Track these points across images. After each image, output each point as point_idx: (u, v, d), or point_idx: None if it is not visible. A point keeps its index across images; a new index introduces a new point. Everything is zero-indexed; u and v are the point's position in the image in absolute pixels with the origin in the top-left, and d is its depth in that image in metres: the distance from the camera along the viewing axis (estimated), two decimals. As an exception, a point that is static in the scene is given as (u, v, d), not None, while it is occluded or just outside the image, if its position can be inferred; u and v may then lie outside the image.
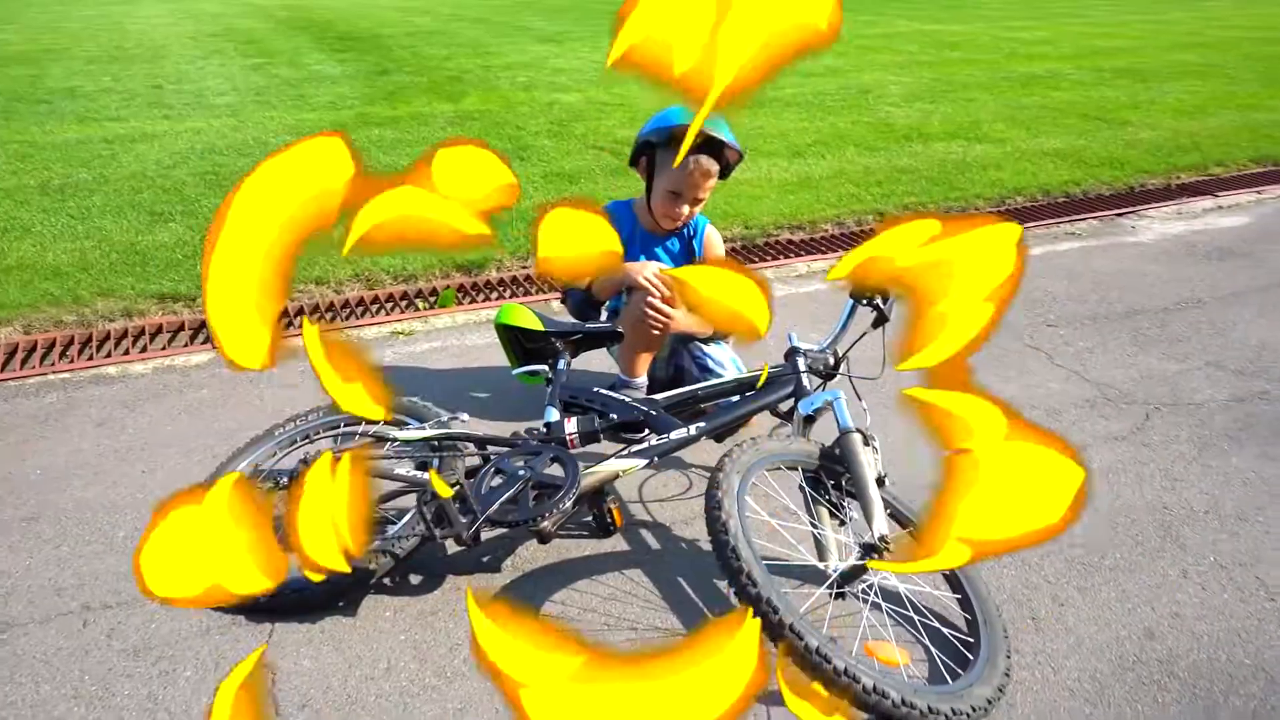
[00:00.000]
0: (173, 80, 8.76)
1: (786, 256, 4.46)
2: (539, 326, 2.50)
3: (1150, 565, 2.21)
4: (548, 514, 1.98)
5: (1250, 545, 2.28)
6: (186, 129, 6.66)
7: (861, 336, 2.40)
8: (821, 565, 1.94)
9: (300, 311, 3.77)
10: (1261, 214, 5.12)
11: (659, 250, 2.87)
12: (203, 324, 3.63)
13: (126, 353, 3.42)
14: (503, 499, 1.99)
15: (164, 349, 3.46)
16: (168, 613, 2.05)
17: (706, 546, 2.27)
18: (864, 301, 2.36)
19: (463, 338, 3.56)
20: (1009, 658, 1.85)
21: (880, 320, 2.34)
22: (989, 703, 1.73)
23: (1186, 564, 2.21)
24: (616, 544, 2.31)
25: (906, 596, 2.00)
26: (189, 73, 9.24)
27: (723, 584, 2.14)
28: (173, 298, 3.79)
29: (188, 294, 3.82)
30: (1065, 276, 4.17)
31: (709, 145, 2.64)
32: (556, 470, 2.11)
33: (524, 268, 4.25)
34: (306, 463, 2.14)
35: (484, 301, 3.93)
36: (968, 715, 1.67)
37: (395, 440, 2.27)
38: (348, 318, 3.76)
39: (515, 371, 2.56)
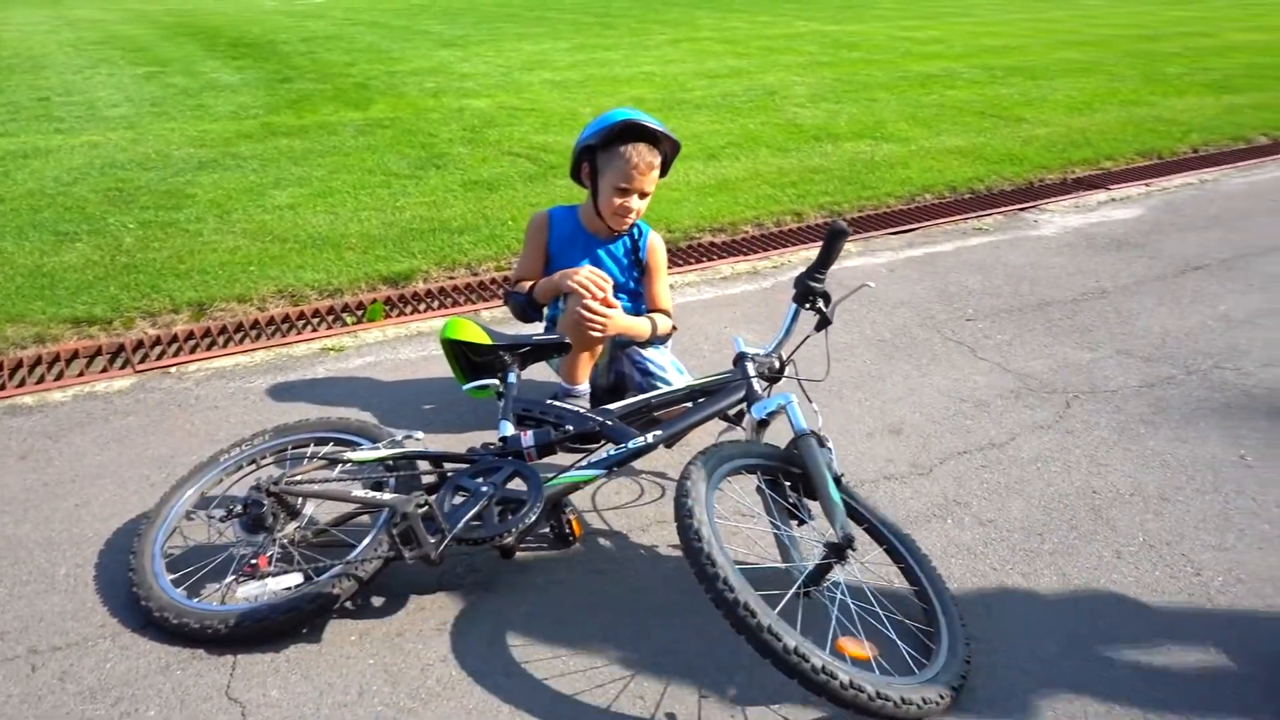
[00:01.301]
0: (60, 92, 8.40)
1: (710, 259, 4.53)
2: (486, 340, 2.50)
3: (1086, 548, 2.33)
4: (514, 530, 1.99)
5: (1174, 524, 2.42)
6: (82, 143, 6.41)
7: (805, 339, 2.47)
8: (786, 565, 2.00)
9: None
10: (1151, 205, 5.40)
11: (604, 255, 2.90)
12: (121, 348, 3.51)
13: (41, 380, 3.28)
14: (468, 516, 2.00)
15: (81, 375, 3.33)
16: (122, 650, 1.99)
17: (665, 551, 2.33)
18: (807, 305, 2.43)
19: (395, 351, 3.52)
20: (969, 645, 1.93)
21: (823, 323, 2.42)
22: (954, 690, 1.80)
23: (1119, 545, 2.34)
24: (576, 553, 2.33)
25: (871, 593, 2.06)
26: (76, 83, 8.87)
27: (687, 584, 2.18)
28: (88, 321, 3.65)
29: (103, 317, 3.69)
30: (978, 271, 4.33)
31: (646, 136, 2.70)
32: (519, 485, 2.12)
33: (450, 279, 4.22)
34: (259, 488, 2.12)
35: (412, 314, 3.89)
36: (936, 703, 1.75)
37: (349, 462, 2.24)
38: (273, 335, 3.68)
39: (465, 387, 2.55)
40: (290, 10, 17.75)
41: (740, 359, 2.42)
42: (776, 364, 2.46)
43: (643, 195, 2.79)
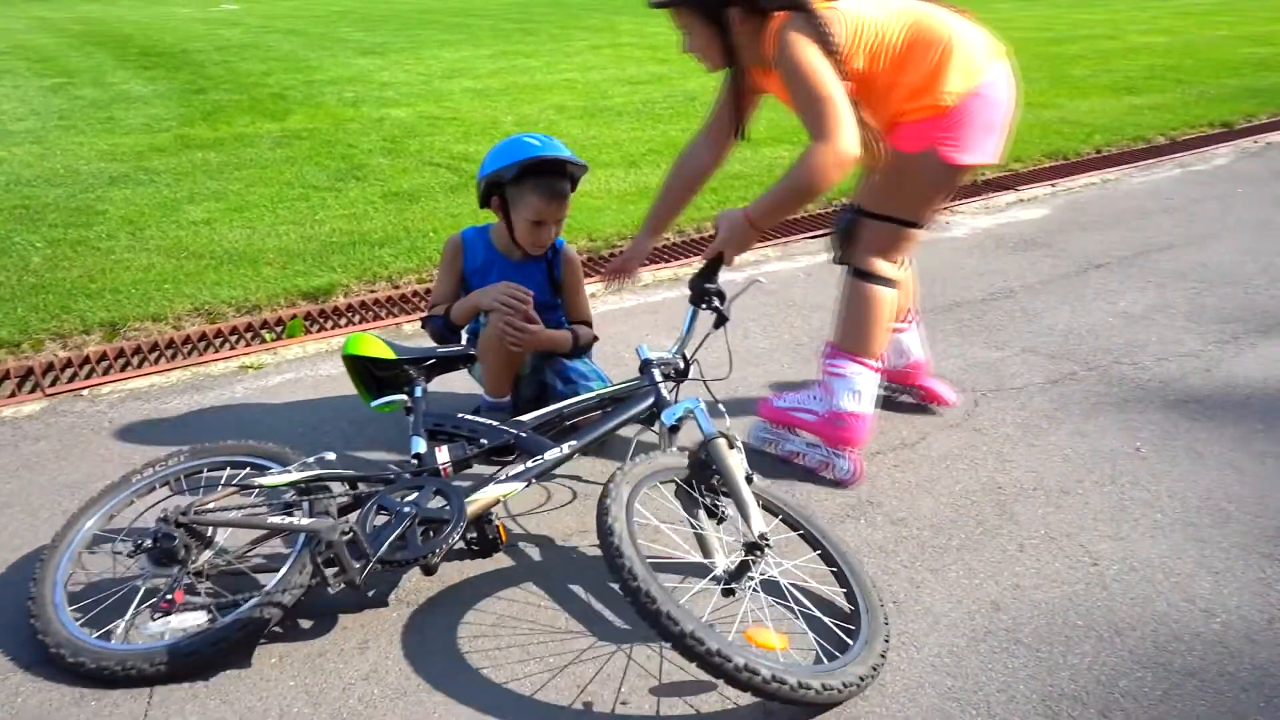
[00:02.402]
0: (-40, 104, 8.15)
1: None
2: (390, 354, 2.51)
3: (991, 542, 2.42)
4: (438, 550, 2.01)
5: (1074, 516, 2.53)
6: (-15, 159, 6.23)
7: (705, 338, 2.56)
8: (709, 562, 2.09)
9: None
10: (1056, 205, 5.60)
11: (518, 275, 2.92)
12: (30, 371, 3.44)
13: (-54, 408, 3.20)
14: (392, 538, 2.01)
15: (-11, 401, 3.26)
16: (34, 683, 1.96)
17: (585, 560, 2.36)
18: (703, 306, 2.52)
19: (316, 368, 3.50)
20: (887, 641, 2.01)
21: (720, 321, 2.51)
22: (861, 679, 1.88)
23: (1022, 538, 2.44)
24: (498, 565, 2.35)
25: (788, 589, 2.13)
26: (-22, 96, 8.61)
27: (608, 592, 2.22)
28: (-7, 345, 3.57)
29: (10, 340, 3.61)
30: (892, 274, 4.44)
31: (554, 167, 2.73)
32: (439, 502, 2.14)
33: (371, 292, 4.20)
34: (168, 520, 2.06)
35: (333, 329, 3.87)
36: (837, 690, 1.83)
37: (260, 486, 2.23)
38: (190, 354, 3.62)
39: (374, 404, 2.55)
40: (205, 18, 17.40)
41: (645, 365, 2.50)
42: (681, 364, 2.55)
43: (557, 223, 2.83)
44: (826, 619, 2.09)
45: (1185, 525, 2.48)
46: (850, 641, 1.99)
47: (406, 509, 2.08)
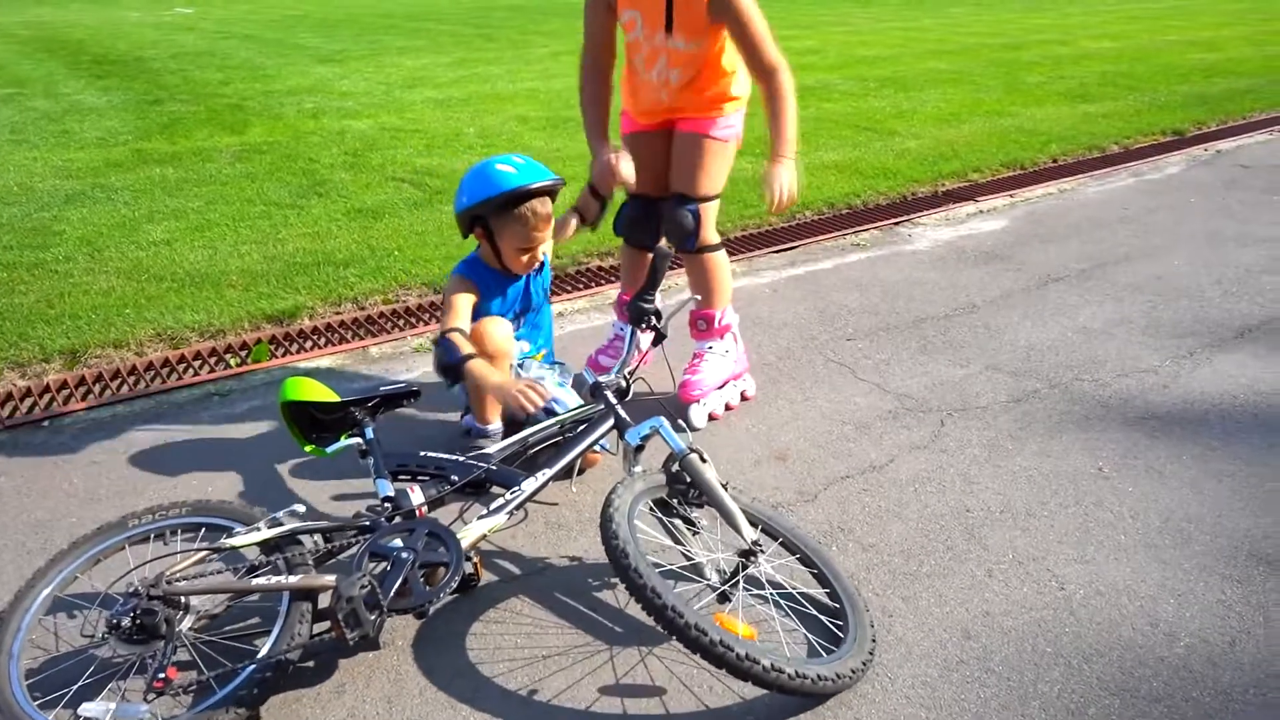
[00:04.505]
0: (-93, 118, 7.96)
1: (598, 284, 4.58)
2: (333, 397, 2.49)
3: (960, 568, 2.46)
4: (442, 595, 2.01)
5: (1040, 540, 2.58)
6: (-66, 176, 6.10)
7: (645, 354, 2.68)
8: (703, 559, 2.25)
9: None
10: (1014, 216, 5.69)
11: (510, 290, 2.95)
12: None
13: (-98, 443, 3.14)
14: (395, 587, 1.99)
15: (-53, 435, 3.20)
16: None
17: (559, 595, 2.37)
18: (642, 326, 2.62)
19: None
20: (874, 628, 2.15)
21: (658, 339, 2.63)
22: (853, 672, 2.00)
23: (991, 564, 2.48)
24: (472, 601, 2.35)
25: (772, 597, 2.24)
26: (-75, 108, 8.42)
27: (583, 626, 2.23)
28: (-49, 376, 3.50)
29: (-32, 370, 3.54)
30: (856, 288, 4.50)
31: (537, 191, 2.74)
32: (435, 544, 2.13)
33: (336, 314, 4.17)
34: (139, 594, 1.97)
35: (299, 352, 3.84)
36: (831, 681, 1.94)
37: (228, 549, 2.14)
38: (153, 381, 3.58)
39: (330, 449, 2.53)
40: (158, 22, 17.15)
41: (596, 389, 2.51)
42: (623, 384, 2.59)
43: (542, 242, 2.86)
44: (820, 616, 2.21)
45: (1148, 547, 2.54)
46: (841, 635, 2.11)
47: (405, 555, 2.06)
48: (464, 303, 2.78)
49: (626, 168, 2.98)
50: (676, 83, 3.06)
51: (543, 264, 3.00)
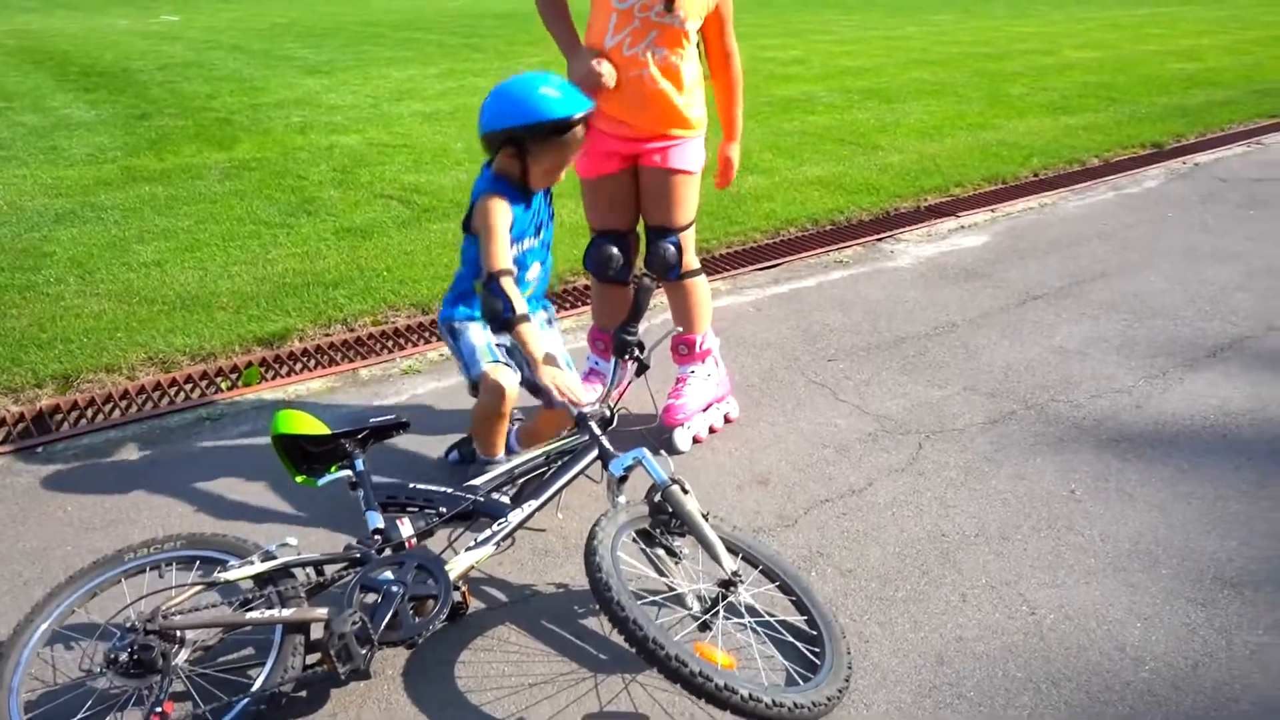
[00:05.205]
0: (-105, 133, 7.97)
1: (585, 303, 4.65)
2: (324, 430, 2.54)
3: (935, 593, 2.54)
4: (431, 627, 2.07)
5: (1013, 564, 2.66)
6: (-77, 195, 6.12)
7: (628, 384, 2.74)
8: (684, 588, 2.30)
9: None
10: (995, 232, 5.77)
11: (534, 201, 2.87)
12: (-16, 430, 3.42)
13: (-103, 470, 3.18)
14: (386, 620, 2.05)
15: (-59, 462, 3.24)
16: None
17: (546, 623, 2.43)
18: (626, 357, 2.67)
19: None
20: (850, 655, 2.22)
21: (641, 369, 2.69)
22: (829, 700, 2.07)
23: (965, 588, 2.56)
24: (460, 630, 2.41)
25: (751, 626, 2.29)
26: (-87, 123, 8.43)
27: (569, 654, 2.30)
28: (-56, 403, 3.54)
29: (-39, 396, 3.58)
30: (839, 307, 4.58)
31: (582, 119, 2.71)
32: (424, 577, 2.19)
33: (326, 336, 4.23)
34: (135, 628, 2.01)
35: (289, 375, 3.89)
36: (808, 709, 2.01)
37: (222, 582, 2.20)
38: (145, 405, 3.63)
39: (321, 481, 2.58)
40: (145, 31, 17.14)
41: (581, 420, 2.57)
42: (607, 414, 2.65)
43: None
44: (798, 643, 2.28)
45: (1117, 570, 2.62)
46: (819, 663, 2.18)
47: (395, 588, 2.13)
48: (505, 228, 2.71)
49: (608, 69, 3.00)
50: (656, 66, 3.02)
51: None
